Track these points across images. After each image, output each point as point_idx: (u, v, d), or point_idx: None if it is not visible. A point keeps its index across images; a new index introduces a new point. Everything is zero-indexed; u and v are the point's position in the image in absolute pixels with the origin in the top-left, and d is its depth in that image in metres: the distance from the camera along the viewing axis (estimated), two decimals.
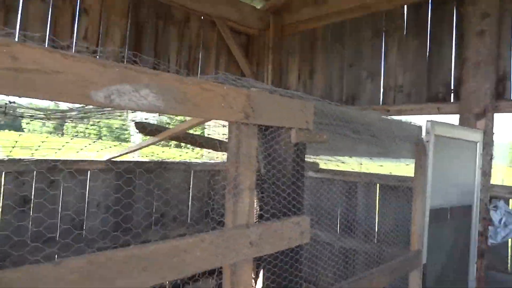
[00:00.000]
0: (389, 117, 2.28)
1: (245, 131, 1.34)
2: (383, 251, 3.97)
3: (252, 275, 1.39)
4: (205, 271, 1.23)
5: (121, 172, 4.09)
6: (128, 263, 1.00)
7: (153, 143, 2.77)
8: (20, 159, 3.54)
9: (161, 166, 4.44)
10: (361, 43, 4.59)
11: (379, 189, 4.35)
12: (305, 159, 1.66)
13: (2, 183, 3.37)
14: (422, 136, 2.72)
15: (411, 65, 4.11)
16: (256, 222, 1.40)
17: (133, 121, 2.59)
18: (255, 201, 1.45)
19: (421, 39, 4.05)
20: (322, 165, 4.80)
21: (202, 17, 4.87)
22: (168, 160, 4.93)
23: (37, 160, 3.54)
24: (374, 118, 2.12)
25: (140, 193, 4.25)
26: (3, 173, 3.38)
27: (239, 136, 1.33)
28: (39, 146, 3.19)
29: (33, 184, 3.54)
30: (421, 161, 2.67)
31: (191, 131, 2.72)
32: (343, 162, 4.44)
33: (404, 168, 3.02)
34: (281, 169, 1.50)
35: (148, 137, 2.88)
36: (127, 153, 3.43)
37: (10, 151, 3.24)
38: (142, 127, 2.55)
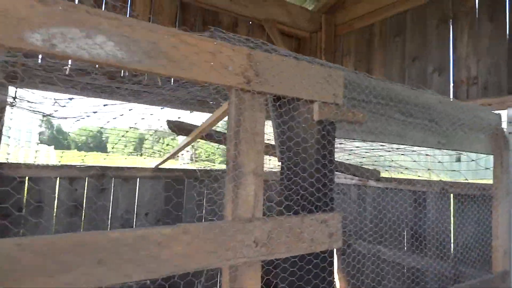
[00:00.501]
0: (453, 100, 1.84)
1: (248, 100, 1.08)
2: (460, 272, 3.33)
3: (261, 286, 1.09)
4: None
5: (168, 180, 4.04)
6: (76, 253, 0.79)
7: (188, 145, 2.62)
8: (72, 165, 3.65)
9: (210, 174, 4.31)
10: (425, 33, 4.07)
11: (453, 199, 3.72)
12: (338, 148, 1.34)
13: (57, 189, 3.49)
14: (503, 127, 2.20)
15: (486, 53, 3.50)
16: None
17: (167, 120, 2.47)
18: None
19: (498, 21, 3.44)
20: (383, 174, 4.28)
21: (250, 22, 4.75)
22: (217, 168, 4.81)
23: (88, 167, 3.63)
24: (432, 99, 1.72)
25: (189, 201, 4.15)
26: (57, 178, 3.49)
27: (240, 107, 1.07)
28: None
29: (85, 190, 3.61)
30: (502, 157, 2.14)
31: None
32: (406, 168, 3.90)
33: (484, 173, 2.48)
34: (299, 152, 1.20)
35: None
36: (167, 159, 3.35)
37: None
38: (175, 126, 2.41)
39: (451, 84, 3.77)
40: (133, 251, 0.85)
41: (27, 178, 3.34)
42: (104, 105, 2.99)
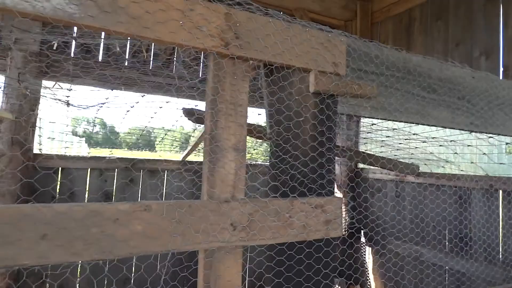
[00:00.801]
0: (489, 74, 1.59)
1: (228, 67, 0.96)
2: (511, 278, 2.97)
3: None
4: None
5: (196, 173, 4.01)
6: (16, 226, 0.72)
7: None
8: (101, 157, 3.74)
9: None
10: (470, 15, 3.70)
11: (503, 196, 3.33)
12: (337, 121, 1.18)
13: (88, 180, 3.58)
14: None
15: None
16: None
17: (183, 108, 2.41)
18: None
19: None
20: (422, 168, 3.96)
21: (281, 12, 4.61)
22: (255, 162, 4.72)
23: (118, 158, 3.69)
24: (462, 73, 1.49)
25: None
26: (88, 169, 3.59)
27: (217, 74, 0.96)
28: None
29: (114, 181, 3.68)
30: None
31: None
32: (447, 161, 3.56)
33: None
34: (291, 128, 1.06)
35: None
36: (190, 151, 3.31)
37: None
38: (190, 114, 2.34)
39: (501, 69, 3.38)
40: (83, 227, 0.77)
41: (60, 168, 3.46)
42: (143, 95, 3.01)
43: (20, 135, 3.07)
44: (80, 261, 0.76)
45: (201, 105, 2.56)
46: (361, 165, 4.84)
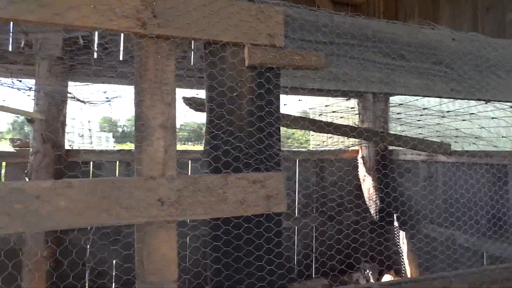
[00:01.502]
0: (476, 34, 1.45)
1: (149, 46, 0.98)
2: None
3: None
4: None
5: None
6: None
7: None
8: (128, 150, 3.95)
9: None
10: None
11: None
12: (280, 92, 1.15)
13: (117, 173, 3.81)
14: None
15: None
16: None
17: (183, 97, 2.47)
18: None
19: None
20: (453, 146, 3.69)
21: None
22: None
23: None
24: (438, 36, 1.38)
25: None
26: (117, 162, 3.81)
27: (139, 54, 0.98)
28: None
29: None
30: None
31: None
32: (476, 137, 3.28)
33: None
34: (224, 103, 1.05)
35: None
36: None
37: None
38: (192, 102, 2.39)
39: None
40: (6, 203, 0.84)
41: (91, 162, 3.72)
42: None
43: (50, 133, 3.32)
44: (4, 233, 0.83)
45: (202, 93, 2.61)
46: (391, 147, 4.62)
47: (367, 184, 4.49)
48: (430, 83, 1.33)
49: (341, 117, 4.55)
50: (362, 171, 4.59)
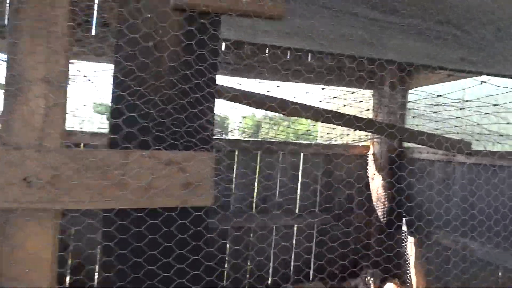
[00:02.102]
0: None
1: None
2: None
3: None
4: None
5: (218, 151, 3.84)
6: None
7: None
8: None
9: (262, 146, 3.97)
10: None
11: None
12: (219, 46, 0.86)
13: None
14: None
15: None
16: None
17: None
18: None
19: None
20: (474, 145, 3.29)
21: None
22: (271, 140, 4.41)
23: None
24: None
25: (238, 173, 3.90)
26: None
27: None
28: None
29: None
30: None
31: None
32: (501, 135, 2.88)
33: None
34: (136, 56, 0.77)
35: None
36: None
37: None
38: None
39: None
40: None
41: (82, 145, 3.53)
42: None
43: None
44: None
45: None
46: (405, 144, 4.24)
47: (376, 184, 4.13)
48: (432, 48, 1.01)
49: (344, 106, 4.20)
50: (371, 169, 4.23)
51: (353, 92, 4.05)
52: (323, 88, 3.83)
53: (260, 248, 3.75)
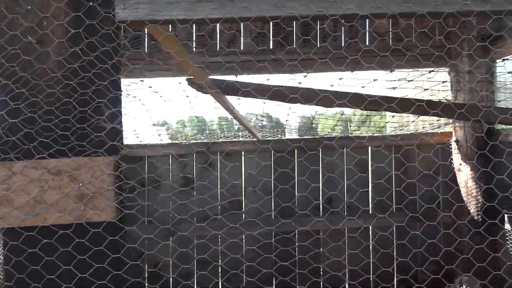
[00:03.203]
0: None
1: None
2: None
3: None
4: None
5: (276, 153, 3.70)
6: None
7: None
8: (178, 142, 3.85)
9: (322, 143, 3.70)
10: None
11: None
12: None
13: (170, 166, 3.75)
14: None
15: None
16: None
17: (187, 78, 2.16)
18: None
19: None
20: None
21: None
22: (331, 136, 4.07)
23: (192, 144, 3.74)
24: None
25: (301, 175, 3.69)
26: (170, 156, 3.76)
27: None
28: None
29: (194, 165, 3.74)
30: None
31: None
32: None
33: None
34: (23, 56, 0.68)
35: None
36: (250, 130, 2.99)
37: None
38: (192, 83, 2.06)
39: None
40: None
41: (146, 156, 3.72)
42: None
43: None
44: None
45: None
46: (496, 126, 3.52)
47: (464, 175, 3.50)
48: None
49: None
50: (457, 158, 3.60)
51: (425, 73, 3.53)
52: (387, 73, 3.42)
53: (333, 251, 3.48)
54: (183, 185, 3.68)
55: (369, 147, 3.76)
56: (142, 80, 3.51)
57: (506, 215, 3.29)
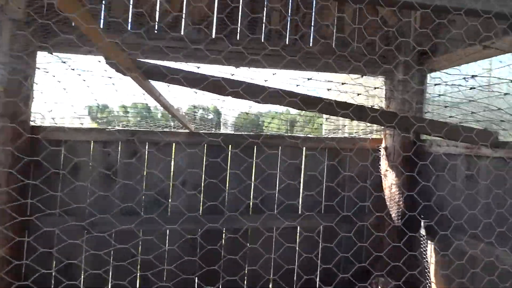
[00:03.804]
0: None
1: None
2: None
3: None
4: None
5: (210, 147, 3.52)
6: None
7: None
8: (103, 128, 3.51)
9: (258, 140, 3.60)
10: None
11: None
12: None
13: (91, 152, 3.40)
14: None
15: None
16: None
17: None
18: None
19: None
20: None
21: None
22: (269, 133, 4.03)
23: (118, 131, 3.42)
24: None
25: (234, 172, 3.56)
26: (92, 142, 3.40)
27: None
28: None
29: (118, 155, 3.43)
30: None
31: None
32: None
33: None
34: None
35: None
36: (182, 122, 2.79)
37: None
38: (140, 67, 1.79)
39: None
40: None
41: (63, 141, 3.33)
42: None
43: (10, 106, 2.96)
44: None
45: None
46: (423, 136, 3.70)
47: (389, 181, 3.63)
48: None
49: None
50: (384, 165, 3.73)
51: (361, 77, 3.58)
52: (309, 79, 3.38)
53: (258, 252, 3.39)
54: (105, 176, 3.36)
55: (304, 148, 3.74)
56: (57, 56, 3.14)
57: (422, 221, 3.48)
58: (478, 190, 3.02)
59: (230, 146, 3.56)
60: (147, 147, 3.47)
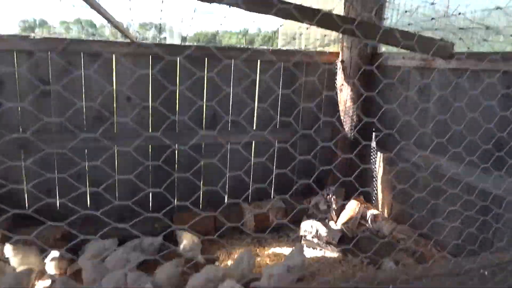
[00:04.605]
0: None
1: None
2: None
3: None
4: None
5: (157, 59, 3.17)
6: None
7: None
8: (26, 36, 3.01)
9: (208, 52, 3.30)
10: None
11: None
12: None
13: (16, 64, 2.93)
14: None
15: None
16: None
17: None
18: None
19: None
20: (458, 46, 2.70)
21: None
22: (221, 46, 3.74)
23: (48, 39, 2.95)
24: None
25: (183, 85, 3.30)
26: (15, 52, 2.91)
27: None
28: None
29: (49, 66, 3.00)
30: None
31: None
32: (488, 28, 2.28)
33: None
34: None
35: None
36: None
37: None
38: None
39: None
40: None
41: None
42: None
43: None
44: None
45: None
46: (380, 49, 3.61)
47: (344, 95, 3.59)
48: None
49: None
50: (340, 79, 3.65)
51: None
52: None
53: (215, 166, 3.32)
54: (36, 89, 2.96)
55: (258, 61, 3.51)
56: None
57: (373, 134, 3.55)
58: (429, 102, 3.06)
59: (178, 59, 3.23)
60: (82, 59, 3.06)
